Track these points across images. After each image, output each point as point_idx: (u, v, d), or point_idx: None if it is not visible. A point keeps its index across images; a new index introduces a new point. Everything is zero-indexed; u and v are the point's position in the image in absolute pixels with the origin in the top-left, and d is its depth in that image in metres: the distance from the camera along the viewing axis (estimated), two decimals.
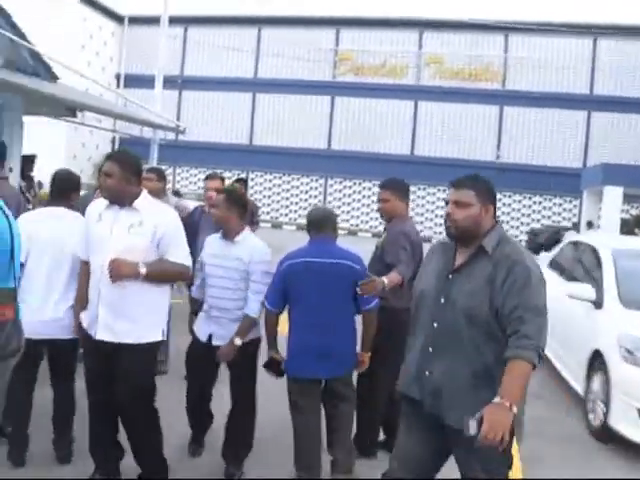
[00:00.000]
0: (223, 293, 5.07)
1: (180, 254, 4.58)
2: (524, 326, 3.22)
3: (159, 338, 4.61)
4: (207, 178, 7.71)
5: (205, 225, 6.94)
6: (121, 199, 4.47)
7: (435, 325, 3.51)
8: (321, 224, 5.14)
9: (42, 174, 29.47)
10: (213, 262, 5.15)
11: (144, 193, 4.58)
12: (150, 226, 4.43)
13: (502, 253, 3.42)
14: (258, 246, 5.14)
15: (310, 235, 5.17)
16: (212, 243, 5.30)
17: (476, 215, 3.49)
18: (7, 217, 3.43)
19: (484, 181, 3.60)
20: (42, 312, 4.77)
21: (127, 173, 4.44)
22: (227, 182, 15.97)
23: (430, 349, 3.53)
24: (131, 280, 4.37)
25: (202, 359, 5.28)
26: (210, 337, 5.18)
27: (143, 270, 4.34)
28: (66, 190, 5.15)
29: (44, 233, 4.85)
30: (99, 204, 4.64)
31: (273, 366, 5.04)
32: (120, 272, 4.31)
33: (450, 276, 3.53)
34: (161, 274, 4.51)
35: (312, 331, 4.89)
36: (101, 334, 4.47)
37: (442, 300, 3.50)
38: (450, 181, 3.62)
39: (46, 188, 22.18)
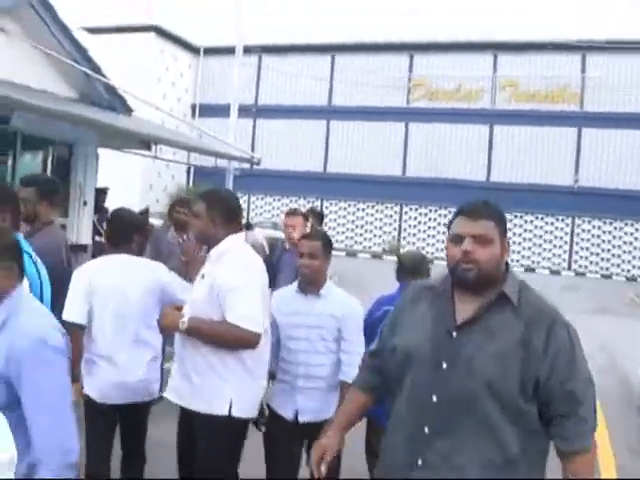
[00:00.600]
0: (311, 358, 4.27)
1: (234, 314, 3.80)
2: (581, 407, 2.55)
3: (223, 412, 3.88)
4: (287, 214, 7.23)
5: (285, 265, 6.68)
6: (206, 242, 4.13)
7: (434, 398, 2.62)
8: (415, 269, 4.98)
9: (118, 204, 29.82)
10: (293, 321, 4.32)
11: (230, 237, 4.05)
12: (210, 277, 3.97)
13: (530, 305, 2.67)
14: (348, 299, 4.48)
15: (401, 280, 5.03)
16: (288, 299, 4.45)
17: (499, 254, 2.71)
18: (35, 265, 3.17)
19: (499, 208, 2.83)
20: (111, 374, 4.31)
21: (214, 214, 4.04)
22: (301, 210, 15.60)
23: (426, 429, 2.64)
24: (182, 334, 3.95)
25: (287, 440, 4.36)
26: (296, 413, 4.35)
27: (183, 325, 3.84)
28: (126, 233, 4.57)
29: (106, 283, 4.35)
30: None
31: None
32: (162, 322, 4.00)
33: (454, 333, 2.66)
34: (208, 333, 3.84)
35: None
36: (167, 392, 4.12)
37: (444, 365, 2.63)
38: (461, 208, 2.81)
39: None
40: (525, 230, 39.82)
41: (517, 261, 39.38)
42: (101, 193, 13.95)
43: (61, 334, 2.65)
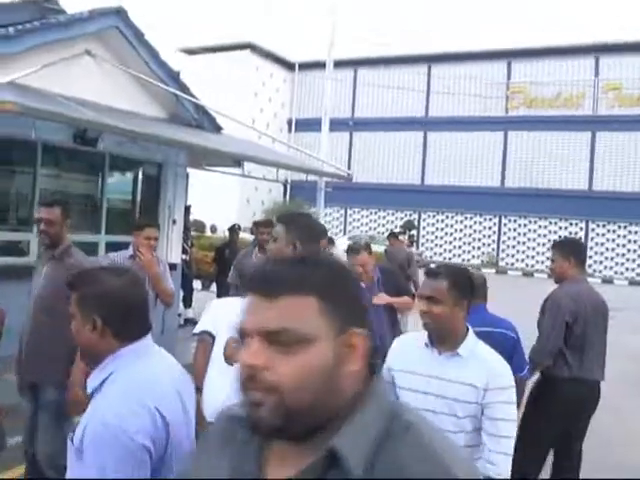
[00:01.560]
0: None
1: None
2: None
3: None
4: (350, 251, 6.02)
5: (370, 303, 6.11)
6: None
7: None
8: (479, 290, 4.65)
9: (216, 218, 30.20)
10: (417, 386, 3.24)
11: None
12: None
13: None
14: (498, 362, 3.28)
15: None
16: (410, 352, 3.39)
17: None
18: None
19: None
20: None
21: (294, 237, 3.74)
22: (397, 222, 15.24)
23: None
24: None
25: None
26: None
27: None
28: None
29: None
30: None
31: None
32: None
33: None
34: None
35: None
36: None
37: None
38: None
39: (220, 233, 22.45)
40: (630, 241, 38.31)
41: (621, 273, 38.02)
42: (185, 211, 14.05)
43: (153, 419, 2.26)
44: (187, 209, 13.93)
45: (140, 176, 12.56)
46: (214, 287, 15.13)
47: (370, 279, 5.79)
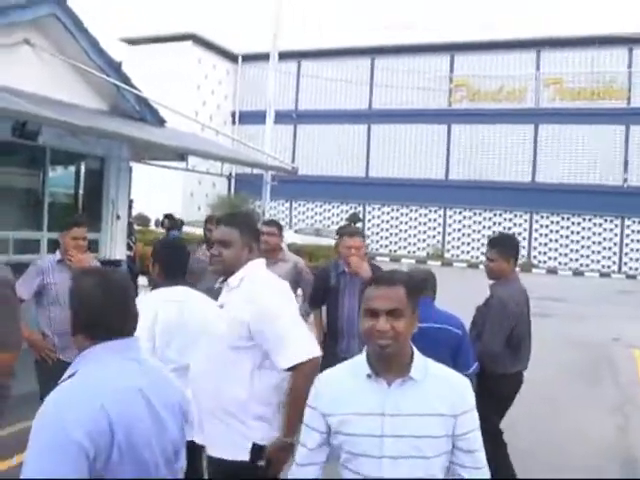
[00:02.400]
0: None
1: (287, 355, 3.42)
2: None
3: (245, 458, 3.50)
4: (345, 235, 6.21)
5: (348, 290, 6.14)
6: (232, 272, 3.64)
7: None
8: (422, 286, 4.74)
9: (160, 212, 29.79)
10: (368, 429, 2.61)
11: (252, 262, 3.67)
12: (234, 307, 3.55)
13: None
14: (455, 377, 2.79)
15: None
16: (346, 391, 2.69)
17: None
18: None
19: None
20: None
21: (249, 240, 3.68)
22: (343, 215, 15.27)
23: None
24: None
25: None
26: None
27: (290, 447, 3.45)
28: (183, 264, 4.37)
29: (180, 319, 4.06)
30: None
31: None
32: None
33: None
34: (299, 415, 2.97)
35: None
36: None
37: None
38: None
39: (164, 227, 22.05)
40: (572, 232, 38.95)
41: (565, 264, 38.65)
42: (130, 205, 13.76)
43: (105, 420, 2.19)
44: (129, 203, 13.62)
45: (82, 170, 12.25)
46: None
47: (356, 272, 5.88)
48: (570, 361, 12.19)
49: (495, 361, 5.36)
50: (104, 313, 2.38)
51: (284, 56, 29.64)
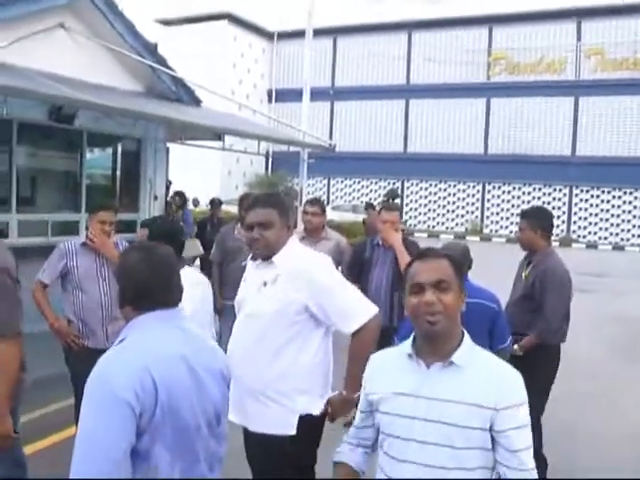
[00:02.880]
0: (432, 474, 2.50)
1: (351, 318, 3.52)
2: None
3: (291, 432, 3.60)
4: (383, 209, 6.64)
5: (380, 261, 6.51)
6: (273, 253, 3.65)
7: None
8: (464, 262, 4.81)
9: (199, 192, 29.99)
10: (400, 409, 2.54)
11: (290, 239, 3.73)
12: (282, 285, 3.58)
13: None
14: (505, 369, 2.59)
15: None
16: (389, 371, 2.67)
17: None
18: None
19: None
20: None
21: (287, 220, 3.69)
22: (381, 191, 15.19)
23: None
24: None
25: None
26: None
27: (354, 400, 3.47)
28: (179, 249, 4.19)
29: None
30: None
31: None
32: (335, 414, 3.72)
33: None
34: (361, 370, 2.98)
35: None
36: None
37: None
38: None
39: (202, 206, 22.29)
40: (613, 206, 38.39)
41: (605, 238, 38.15)
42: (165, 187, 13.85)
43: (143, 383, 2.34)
44: (167, 184, 13.72)
45: (119, 152, 12.35)
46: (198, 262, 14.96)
47: (392, 233, 6.34)
48: (610, 337, 12.08)
49: (557, 332, 5.46)
50: (149, 286, 2.55)
51: (320, 33, 29.53)
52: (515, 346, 5.22)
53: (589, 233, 38.81)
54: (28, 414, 5.37)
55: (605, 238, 38.28)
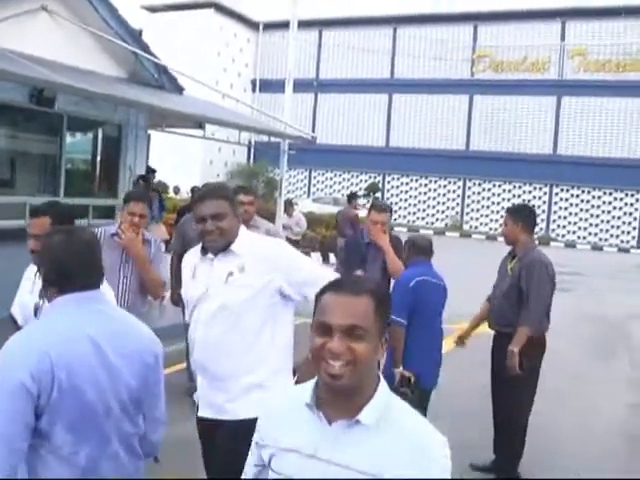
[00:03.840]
0: None
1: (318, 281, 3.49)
2: None
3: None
4: (374, 209, 6.57)
5: (370, 260, 6.55)
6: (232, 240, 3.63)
7: None
8: (431, 251, 5.56)
9: (180, 179, 29.83)
10: (304, 472, 2.04)
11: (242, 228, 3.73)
12: (251, 270, 3.55)
13: None
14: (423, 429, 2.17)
15: (418, 259, 5.52)
16: (286, 419, 2.16)
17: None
18: None
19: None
20: None
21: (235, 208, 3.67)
22: (362, 184, 15.37)
23: None
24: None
25: None
26: None
27: None
28: None
29: None
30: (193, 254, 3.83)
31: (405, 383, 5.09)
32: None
33: None
34: None
35: (438, 347, 5.49)
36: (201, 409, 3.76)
37: None
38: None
39: (182, 194, 22.31)
40: (592, 206, 38.67)
41: (584, 238, 38.42)
42: (149, 173, 13.80)
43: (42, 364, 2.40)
44: (152, 172, 13.68)
45: (100, 137, 12.29)
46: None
47: (383, 237, 6.44)
48: (586, 335, 12.20)
49: (541, 323, 5.62)
50: (69, 268, 2.57)
51: (305, 25, 29.51)
52: (510, 347, 5.43)
53: (568, 232, 39.08)
54: None
55: (584, 238, 38.56)
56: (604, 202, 38.50)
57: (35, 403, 2.35)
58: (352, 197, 16.93)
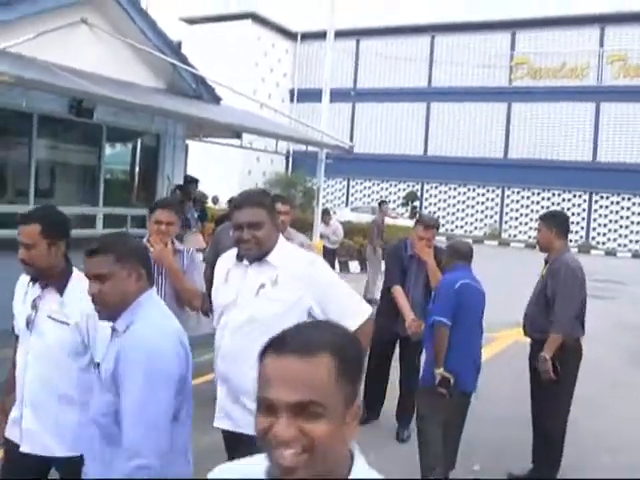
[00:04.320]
0: None
1: (353, 317, 3.40)
2: None
3: None
4: (421, 225, 6.46)
5: (414, 274, 6.60)
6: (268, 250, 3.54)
7: None
8: (472, 256, 5.51)
9: (219, 189, 30.00)
10: None
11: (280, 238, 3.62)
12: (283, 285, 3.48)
13: None
14: None
15: (459, 264, 5.42)
16: None
17: None
18: None
19: None
20: None
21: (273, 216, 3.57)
22: (400, 193, 15.26)
23: None
24: None
25: None
26: None
27: None
28: None
29: None
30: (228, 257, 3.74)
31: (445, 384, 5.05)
32: None
33: None
34: None
35: (478, 351, 5.40)
36: (217, 420, 3.75)
37: None
38: None
39: (221, 204, 22.41)
40: (633, 213, 38.15)
41: (625, 246, 37.90)
42: (191, 183, 13.93)
43: (182, 347, 2.70)
44: (193, 182, 13.81)
45: (138, 147, 12.45)
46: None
47: (428, 253, 6.42)
48: (625, 343, 12.03)
49: (570, 326, 5.52)
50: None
51: (343, 34, 29.59)
52: (542, 353, 5.42)
53: (608, 240, 38.59)
54: None
55: (624, 245, 38.04)
56: None
57: (177, 388, 2.61)
58: (381, 204, 17.24)
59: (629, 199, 38.12)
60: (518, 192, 40.77)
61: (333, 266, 15.43)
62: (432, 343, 5.22)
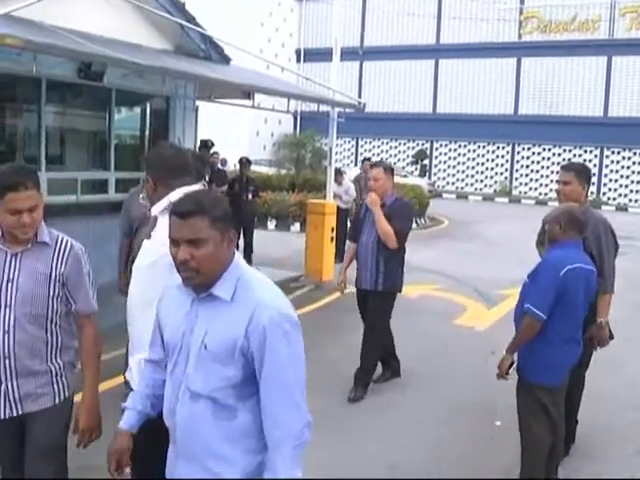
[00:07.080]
0: None
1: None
2: None
3: None
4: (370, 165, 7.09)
5: (369, 223, 6.72)
6: None
7: None
8: (583, 226, 4.70)
9: (227, 152, 29.88)
10: None
11: None
12: None
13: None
14: None
15: (571, 235, 4.62)
16: None
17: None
18: None
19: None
20: None
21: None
22: (409, 152, 15.12)
23: None
24: None
25: None
26: None
27: None
28: None
29: None
30: None
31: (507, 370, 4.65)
32: None
33: None
34: None
35: (575, 343, 4.69)
36: None
37: None
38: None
39: (229, 166, 22.31)
40: None
41: (636, 201, 37.70)
42: (204, 146, 13.82)
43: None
44: (205, 147, 13.70)
45: (148, 110, 12.31)
46: None
47: (380, 194, 6.60)
48: (637, 301, 11.95)
49: (613, 285, 5.42)
50: None
51: None
52: (599, 318, 5.20)
53: (619, 195, 38.37)
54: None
55: (636, 201, 37.83)
56: None
57: None
58: (363, 161, 18.21)
59: None
60: (528, 148, 40.49)
61: (346, 226, 15.38)
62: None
